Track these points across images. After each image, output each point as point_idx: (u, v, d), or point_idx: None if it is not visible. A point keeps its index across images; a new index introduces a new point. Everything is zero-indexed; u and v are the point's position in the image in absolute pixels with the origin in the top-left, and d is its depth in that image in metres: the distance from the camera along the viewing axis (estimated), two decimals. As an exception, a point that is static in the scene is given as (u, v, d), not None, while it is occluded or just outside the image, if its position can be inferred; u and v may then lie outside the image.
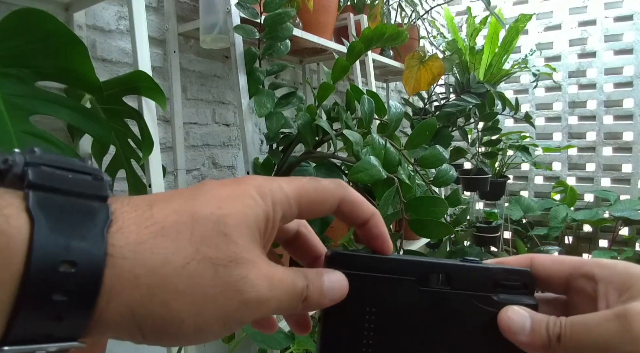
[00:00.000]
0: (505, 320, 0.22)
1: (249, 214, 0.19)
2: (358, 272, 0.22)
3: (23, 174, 0.16)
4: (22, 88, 0.51)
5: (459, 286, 0.23)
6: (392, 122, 0.80)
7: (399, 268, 0.22)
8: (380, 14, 1.54)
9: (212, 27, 0.91)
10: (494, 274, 0.23)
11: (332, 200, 0.22)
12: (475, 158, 1.79)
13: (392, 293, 0.22)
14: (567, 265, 0.24)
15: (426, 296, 0.22)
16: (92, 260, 0.15)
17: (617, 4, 2.25)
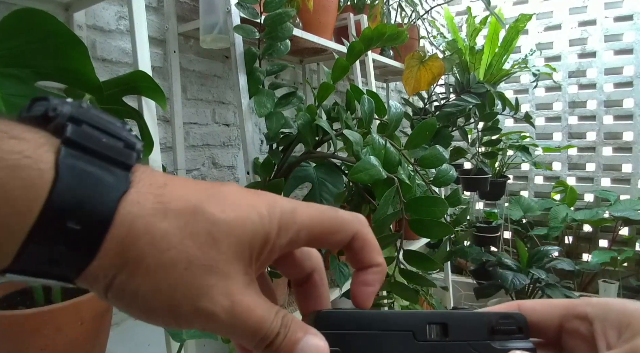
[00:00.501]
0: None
1: (247, 229, 0.19)
2: (350, 331, 0.21)
3: (64, 126, 0.17)
4: (22, 88, 0.51)
5: (457, 336, 0.22)
6: (392, 122, 0.80)
7: (394, 323, 0.21)
8: (380, 14, 1.54)
9: (212, 27, 0.91)
10: (489, 319, 0.23)
11: (345, 233, 0.21)
12: (475, 158, 1.80)
13: (388, 350, 0.21)
14: (558, 307, 0.24)
15: (424, 349, 0.22)
16: (98, 222, 0.16)
17: (617, 4, 2.25)
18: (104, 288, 0.18)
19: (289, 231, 0.20)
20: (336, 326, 0.21)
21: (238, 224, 0.19)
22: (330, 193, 0.86)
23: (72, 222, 0.16)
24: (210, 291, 0.18)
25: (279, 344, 0.19)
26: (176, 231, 0.18)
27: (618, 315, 0.22)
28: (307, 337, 0.19)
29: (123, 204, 0.17)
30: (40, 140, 0.16)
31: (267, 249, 0.20)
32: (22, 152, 0.15)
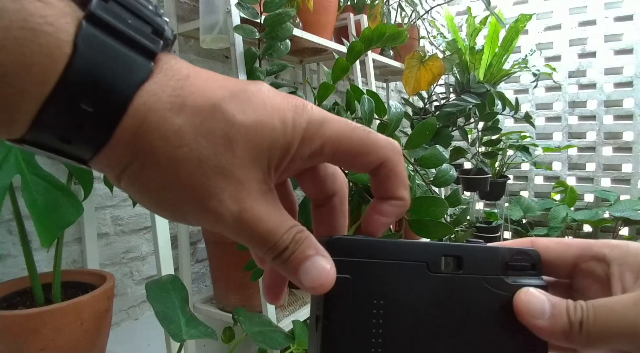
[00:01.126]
0: (523, 303, 0.21)
1: (266, 136, 0.18)
2: (363, 259, 0.20)
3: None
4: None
5: (470, 269, 0.21)
6: (392, 122, 0.80)
7: (408, 253, 0.21)
8: (380, 14, 1.54)
9: (212, 27, 0.91)
10: (504, 255, 0.22)
11: (374, 157, 0.20)
12: (475, 158, 1.80)
13: (401, 281, 0.20)
14: (573, 247, 0.23)
15: (437, 281, 0.21)
16: (112, 109, 0.16)
17: (617, 4, 2.25)
18: (117, 176, 0.18)
19: (313, 143, 0.19)
20: (348, 253, 0.20)
21: (258, 129, 0.17)
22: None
23: (85, 103, 0.15)
24: (219, 194, 0.17)
25: (286, 258, 0.18)
26: (190, 129, 0.17)
27: (637, 259, 0.21)
28: (316, 257, 0.18)
29: (139, 93, 0.16)
30: (66, 9, 0.15)
31: (287, 159, 0.18)
32: (45, 17, 0.14)
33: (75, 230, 0.84)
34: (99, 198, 0.89)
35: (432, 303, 0.21)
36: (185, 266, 1.01)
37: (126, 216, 0.95)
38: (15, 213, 0.60)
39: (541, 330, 0.21)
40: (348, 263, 0.20)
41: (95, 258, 0.85)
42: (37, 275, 0.62)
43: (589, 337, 0.20)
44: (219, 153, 0.17)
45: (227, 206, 0.17)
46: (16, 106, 0.15)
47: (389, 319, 0.20)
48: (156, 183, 0.17)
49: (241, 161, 0.17)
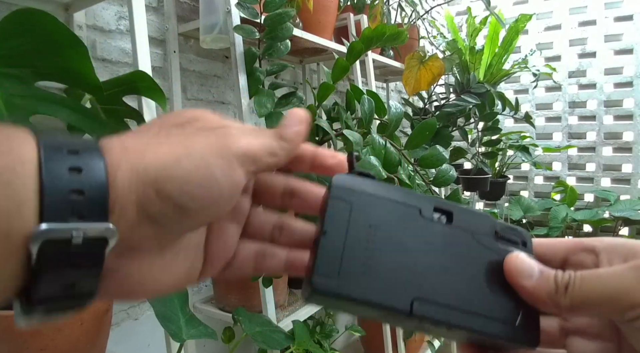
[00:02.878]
0: (512, 263, 0.22)
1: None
2: (363, 192, 0.22)
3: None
4: (22, 88, 0.51)
5: (460, 225, 0.23)
6: (392, 122, 0.80)
7: (404, 197, 0.22)
8: (380, 14, 1.54)
9: (212, 27, 0.91)
10: (494, 224, 0.23)
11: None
12: (475, 158, 1.79)
13: (394, 216, 0.22)
14: (564, 242, 0.24)
15: (427, 225, 0.22)
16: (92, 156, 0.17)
17: (617, 4, 2.25)
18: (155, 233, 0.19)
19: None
20: (351, 185, 0.22)
21: None
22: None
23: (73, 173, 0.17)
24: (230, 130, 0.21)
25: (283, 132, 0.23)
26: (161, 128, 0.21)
27: (625, 247, 0.22)
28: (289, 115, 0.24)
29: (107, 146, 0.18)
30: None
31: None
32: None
33: (75, 230, 0.84)
34: (99, 198, 0.89)
35: (422, 244, 0.22)
36: (185, 266, 1.00)
37: (126, 216, 0.95)
38: (15, 213, 0.60)
39: (527, 291, 0.21)
40: (350, 193, 0.22)
41: (95, 258, 0.85)
42: (37, 275, 0.61)
43: (573, 300, 0.20)
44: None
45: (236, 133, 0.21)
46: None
47: (380, 246, 0.21)
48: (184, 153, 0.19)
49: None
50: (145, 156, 0.18)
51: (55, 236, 0.15)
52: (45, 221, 0.15)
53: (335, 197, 0.22)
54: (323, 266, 0.20)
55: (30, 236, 0.15)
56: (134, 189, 0.17)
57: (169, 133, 0.20)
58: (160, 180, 0.18)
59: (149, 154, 0.18)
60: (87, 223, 0.16)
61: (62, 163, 0.16)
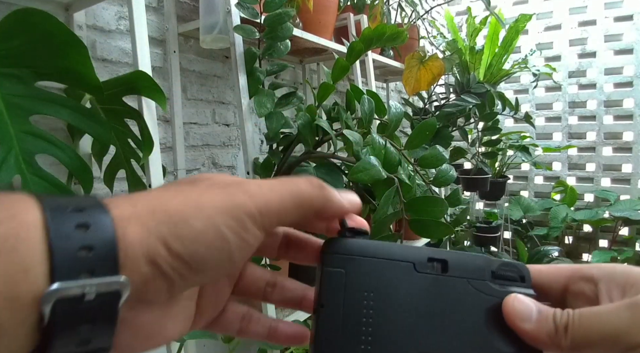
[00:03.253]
0: (510, 306, 0.22)
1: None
2: (355, 256, 0.22)
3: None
4: (22, 88, 0.51)
5: (455, 272, 0.23)
6: (392, 122, 0.80)
7: (396, 253, 0.23)
8: (380, 14, 1.54)
9: (212, 27, 0.91)
10: (490, 263, 0.23)
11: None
12: (475, 158, 1.79)
13: (389, 276, 0.22)
14: (563, 270, 0.24)
15: (423, 280, 0.22)
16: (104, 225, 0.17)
17: (617, 4, 2.25)
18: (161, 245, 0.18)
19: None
20: (343, 250, 0.22)
21: None
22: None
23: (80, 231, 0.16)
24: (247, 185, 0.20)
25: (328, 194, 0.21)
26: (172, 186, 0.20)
27: (624, 276, 0.22)
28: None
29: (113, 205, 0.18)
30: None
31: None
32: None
33: (75, 230, 0.84)
34: (99, 198, 0.89)
35: (419, 299, 0.22)
36: (185, 266, 1.00)
37: (126, 216, 0.95)
38: (15, 213, 0.60)
39: (527, 333, 0.21)
40: (342, 259, 0.22)
41: (95, 258, 0.85)
42: (37, 275, 0.62)
43: (574, 341, 0.20)
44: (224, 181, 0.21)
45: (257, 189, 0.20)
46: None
47: (378, 309, 0.22)
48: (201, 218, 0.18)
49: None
50: (155, 211, 0.18)
51: (67, 294, 0.15)
52: (57, 281, 0.15)
53: (328, 265, 0.22)
54: (323, 343, 0.21)
55: (41, 297, 0.15)
56: (145, 244, 0.17)
57: (178, 190, 0.19)
58: (170, 238, 0.17)
59: (159, 210, 0.18)
60: (98, 278, 0.16)
61: (68, 222, 0.16)
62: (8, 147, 0.49)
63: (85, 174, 0.57)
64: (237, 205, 0.19)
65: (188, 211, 0.18)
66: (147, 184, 0.67)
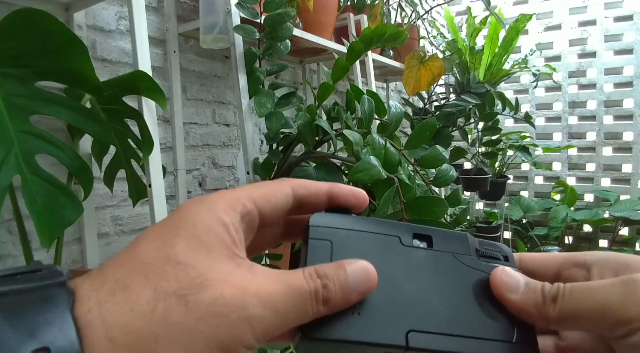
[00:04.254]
0: (498, 277, 0.22)
1: (198, 230, 0.17)
2: (341, 228, 0.22)
3: None
4: (22, 88, 0.51)
5: (440, 247, 0.23)
6: (392, 122, 0.80)
7: (382, 228, 0.23)
8: (380, 14, 1.54)
9: (212, 27, 0.91)
10: (474, 242, 0.24)
11: (284, 190, 0.21)
12: (475, 158, 1.80)
13: (376, 248, 0.22)
14: (556, 257, 0.24)
15: (410, 253, 0.22)
16: (64, 339, 0.14)
17: (617, 4, 2.25)
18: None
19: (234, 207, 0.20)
20: (328, 223, 0.22)
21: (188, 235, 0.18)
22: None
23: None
24: (225, 301, 0.16)
25: (333, 292, 0.18)
26: (144, 288, 0.16)
27: (616, 261, 0.21)
28: (348, 267, 0.19)
29: (80, 309, 0.15)
30: None
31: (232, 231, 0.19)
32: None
33: (75, 230, 0.84)
34: (99, 198, 0.89)
35: (406, 269, 0.22)
36: (185, 266, 1.00)
37: (126, 216, 0.95)
38: (15, 213, 0.60)
39: (514, 304, 0.21)
40: (329, 231, 0.22)
41: (95, 258, 0.85)
42: (37, 275, 0.62)
43: (562, 312, 0.20)
44: (182, 277, 0.17)
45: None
46: None
47: None
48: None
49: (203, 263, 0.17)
50: (132, 347, 0.15)
51: None
52: None
53: (315, 237, 0.21)
54: None
55: None
56: None
57: (167, 312, 0.16)
58: None
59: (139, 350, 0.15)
60: None
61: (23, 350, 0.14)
62: (8, 147, 0.49)
63: (85, 174, 0.57)
64: (235, 339, 0.16)
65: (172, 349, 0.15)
66: (147, 184, 0.67)
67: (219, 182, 1.18)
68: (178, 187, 1.03)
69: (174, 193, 1.04)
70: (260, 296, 0.17)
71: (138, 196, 0.76)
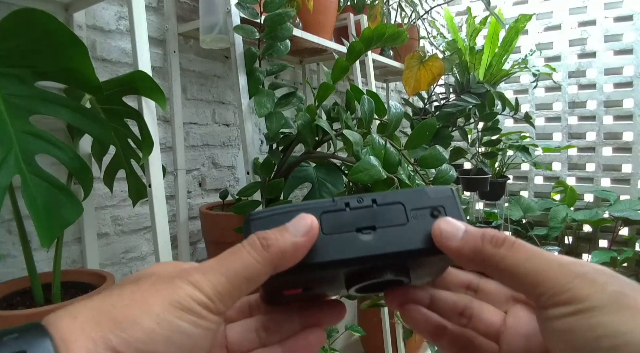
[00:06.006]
0: (437, 226, 0.22)
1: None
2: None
3: None
4: (22, 88, 0.51)
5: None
6: (392, 122, 0.80)
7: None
8: (380, 14, 1.54)
9: (212, 27, 0.91)
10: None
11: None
12: (475, 158, 1.80)
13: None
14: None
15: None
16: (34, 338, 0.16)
17: (617, 4, 2.25)
18: None
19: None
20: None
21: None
22: (330, 193, 0.86)
23: None
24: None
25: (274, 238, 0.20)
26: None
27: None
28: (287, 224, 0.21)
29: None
30: None
31: None
32: None
33: (75, 229, 0.84)
34: (99, 198, 0.89)
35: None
36: (185, 266, 1.00)
37: (126, 216, 0.95)
38: (15, 213, 0.60)
39: (452, 251, 0.21)
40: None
41: (95, 258, 0.85)
42: (37, 275, 0.62)
43: (501, 262, 0.20)
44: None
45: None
46: None
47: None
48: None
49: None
50: (99, 321, 0.17)
51: None
52: None
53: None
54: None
55: None
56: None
57: (122, 293, 0.19)
58: (121, 346, 0.17)
59: (104, 319, 0.17)
60: None
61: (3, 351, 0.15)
62: (8, 147, 0.49)
63: (85, 174, 0.57)
64: (185, 297, 0.18)
65: (134, 313, 0.17)
66: (147, 184, 0.67)
67: (218, 182, 1.18)
68: (178, 187, 1.03)
69: (173, 193, 1.04)
70: (198, 269, 0.19)
71: (138, 196, 0.75)
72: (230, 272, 0.19)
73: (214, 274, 0.19)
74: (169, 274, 0.20)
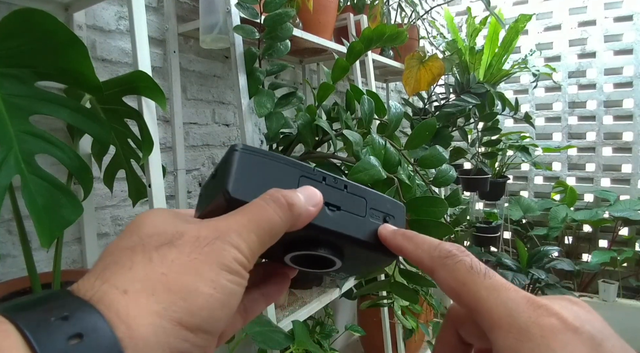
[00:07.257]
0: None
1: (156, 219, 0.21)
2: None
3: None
4: (22, 88, 0.51)
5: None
6: (392, 122, 0.80)
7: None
8: (380, 14, 1.54)
9: (212, 27, 0.91)
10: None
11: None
12: (475, 158, 1.80)
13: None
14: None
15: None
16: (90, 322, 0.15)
17: (617, 4, 2.25)
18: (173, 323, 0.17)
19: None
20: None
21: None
22: (330, 193, 0.85)
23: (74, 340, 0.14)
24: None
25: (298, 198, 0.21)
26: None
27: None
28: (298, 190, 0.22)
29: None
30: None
31: None
32: None
33: (75, 229, 0.84)
34: (99, 198, 0.89)
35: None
36: (185, 266, 1.00)
37: (126, 216, 0.95)
38: (15, 213, 0.60)
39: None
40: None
41: (95, 258, 0.85)
42: (36, 275, 0.62)
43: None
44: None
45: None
46: None
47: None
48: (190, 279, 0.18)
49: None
50: (155, 293, 0.16)
51: None
52: None
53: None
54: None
55: None
56: (163, 339, 0.16)
57: (163, 260, 0.18)
58: (186, 317, 0.16)
59: (159, 290, 0.17)
60: None
61: (57, 337, 0.14)
62: (8, 147, 0.49)
63: (85, 174, 0.57)
64: (231, 260, 0.19)
65: (189, 281, 0.17)
66: (147, 184, 0.67)
67: (218, 182, 1.18)
68: (178, 187, 1.03)
69: (173, 193, 1.04)
70: (230, 227, 0.20)
71: (138, 196, 0.75)
72: (260, 231, 0.20)
73: (248, 234, 0.20)
74: (205, 238, 0.19)
